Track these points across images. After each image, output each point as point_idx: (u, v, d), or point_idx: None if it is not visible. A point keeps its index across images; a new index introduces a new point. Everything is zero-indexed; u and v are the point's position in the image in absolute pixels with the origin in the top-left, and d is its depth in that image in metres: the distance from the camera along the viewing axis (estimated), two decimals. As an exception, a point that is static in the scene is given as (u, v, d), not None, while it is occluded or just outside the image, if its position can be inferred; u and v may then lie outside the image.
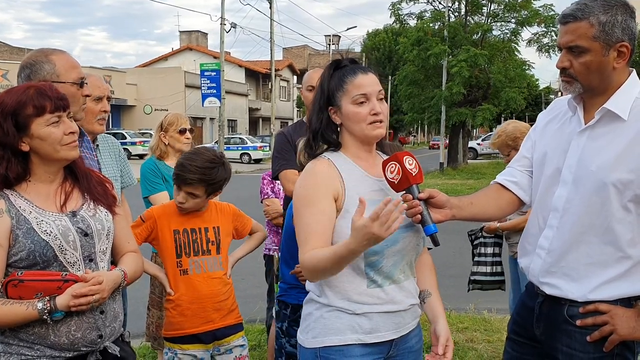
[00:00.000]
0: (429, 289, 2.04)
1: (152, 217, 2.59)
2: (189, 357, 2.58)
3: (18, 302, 1.75)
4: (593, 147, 1.90)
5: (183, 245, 2.57)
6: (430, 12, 24.51)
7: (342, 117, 1.92)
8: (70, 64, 2.31)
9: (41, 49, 2.34)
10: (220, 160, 2.59)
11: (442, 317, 2.00)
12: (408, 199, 1.84)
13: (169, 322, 2.60)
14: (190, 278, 2.57)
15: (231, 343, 2.65)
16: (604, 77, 1.88)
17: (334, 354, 1.87)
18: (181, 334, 2.57)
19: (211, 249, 2.61)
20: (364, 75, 1.91)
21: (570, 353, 1.93)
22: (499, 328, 4.79)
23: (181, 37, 46.95)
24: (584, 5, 1.85)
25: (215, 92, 26.38)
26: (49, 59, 2.27)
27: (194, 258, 2.57)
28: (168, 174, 3.63)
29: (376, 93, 1.91)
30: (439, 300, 2.03)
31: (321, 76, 1.99)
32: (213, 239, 2.62)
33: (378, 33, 48.08)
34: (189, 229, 2.59)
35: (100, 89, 2.93)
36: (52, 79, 2.22)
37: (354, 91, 1.89)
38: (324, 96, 1.94)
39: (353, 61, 1.99)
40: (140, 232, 2.56)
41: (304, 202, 1.88)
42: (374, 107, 1.88)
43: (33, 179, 1.86)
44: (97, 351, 1.88)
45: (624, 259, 1.87)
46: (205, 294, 2.57)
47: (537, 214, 2.05)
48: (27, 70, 2.27)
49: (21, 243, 1.77)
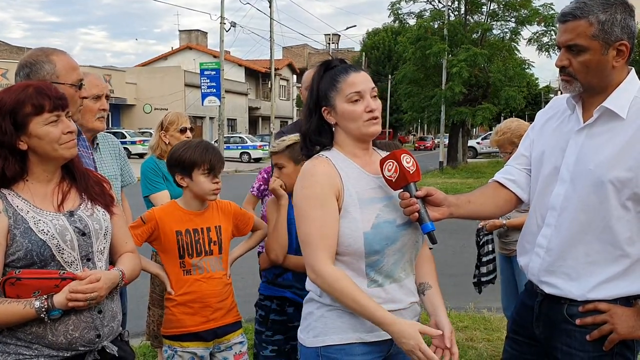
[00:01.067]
0: (429, 281, 2.04)
1: (154, 219, 2.57)
2: (189, 354, 2.58)
3: (15, 300, 1.74)
4: (591, 146, 1.90)
5: (186, 246, 2.55)
6: (429, 11, 24.51)
7: (336, 116, 1.92)
8: (70, 65, 2.31)
9: (41, 48, 2.34)
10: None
11: (442, 310, 1.99)
12: (405, 197, 1.85)
13: (169, 320, 2.60)
14: (193, 278, 2.56)
15: (231, 340, 2.66)
16: (603, 76, 1.88)
17: (335, 352, 1.87)
18: (182, 332, 2.57)
19: (213, 249, 2.60)
20: (356, 74, 1.91)
21: (570, 352, 1.93)
22: (498, 327, 4.79)
23: (181, 36, 46.90)
24: (583, 4, 1.84)
25: (215, 91, 26.39)
26: (50, 59, 2.27)
27: (197, 259, 2.56)
28: (168, 173, 3.63)
29: (369, 90, 1.91)
30: (439, 293, 2.03)
31: (311, 79, 1.99)
32: (215, 239, 2.61)
33: (378, 32, 48.07)
34: (192, 229, 2.57)
35: (98, 87, 2.93)
36: (52, 80, 2.22)
37: (347, 89, 1.89)
38: (314, 98, 1.95)
39: (343, 61, 1.99)
40: (140, 233, 2.54)
41: (312, 203, 1.86)
42: (369, 104, 1.89)
43: (31, 178, 1.86)
44: (95, 351, 1.87)
45: (622, 257, 1.87)
46: (207, 293, 2.57)
47: (536, 213, 2.05)
48: (26, 69, 2.26)
49: (18, 242, 1.76)
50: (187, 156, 2.56)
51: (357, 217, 1.85)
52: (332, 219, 1.84)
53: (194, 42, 45.48)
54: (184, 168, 2.57)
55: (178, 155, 2.59)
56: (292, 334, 2.71)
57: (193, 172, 2.56)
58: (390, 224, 1.87)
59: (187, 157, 2.56)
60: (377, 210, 1.88)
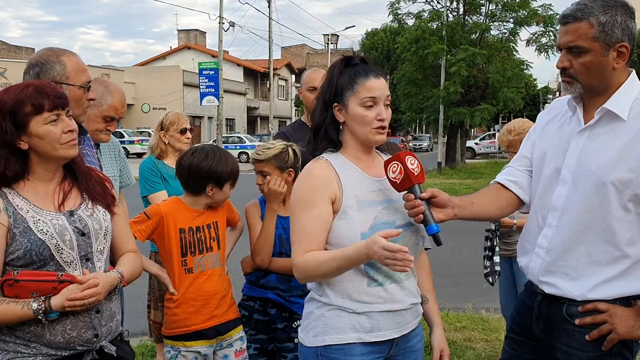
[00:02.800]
0: (427, 294, 2.07)
1: (159, 214, 2.55)
2: (193, 354, 2.57)
3: (14, 301, 1.74)
4: (592, 147, 1.90)
5: (188, 244, 2.55)
6: (428, 11, 24.52)
7: (346, 116, 1.92)
8: (80, 67, 2.34)
9: (51, 48, 2.35)
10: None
11: (438, 326, 2.04)
12: (410, 198, 1.85)
13: (171, 320, 2.59)
14: (194, 276, 2.56)
15: (232, 337, 2.66)
16: (604, 77, 1.88)
17: (334, 352, 1.87)
18: (185, 331, 2.56)
19: (213, 246, 2.61)
20: (375, 79, 1.89)
21: (569, 352, 1.94)
22: (496, 327, 4.80)
23: (179, 35, 46.87)
24: (584, 5, 1.85)
25: (214, 91, 26.36)
26: (60, 60, 2.29)
27: (199, 257, 2.57)
28: (167, 173, 3.62)
29: (384, 98, 1.90)
30: (436, 307, 2.07)
31: (329, 71, 1.97)
32: (214, 235, 2.62)
33: (376, 32, 48.07)
34: (194, 227, 2.58)
35: (117, 111, 2.88)
36: (62, 80, 2.24)
37: (363, 93, 1.87)
38: (331, 92, 1.92)
39: (364, 60, 1.96)
40: (144, 228, 2.52)
41: (301, 204, 1.88)
42: (381, 113, 1.88)
43: (32, 177, 1.85)
44: (93, 350, 1.87)
45: (622, 258, 1.87)
46: (209, 291, 2.57)
47: (537, 213, 2.05)
48: (36, 69, 2.27)
49: (18, 242, 1.76)
50: (225, 169, 2.58)
51: (355, 218, 1.85)
52: (318, 222, 1.85)
53: (192, 41, 45.45)
54: (219, 180, 2.57)
55: (213, 167, 2.56)
56: (275, 334, 2.73)
57: (225, 184, 2.59)
58: (388, 225, 1.87)
59: (224, 170, 2.57)
60: (375, 212, 1.88)
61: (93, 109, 2.74)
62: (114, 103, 2.85)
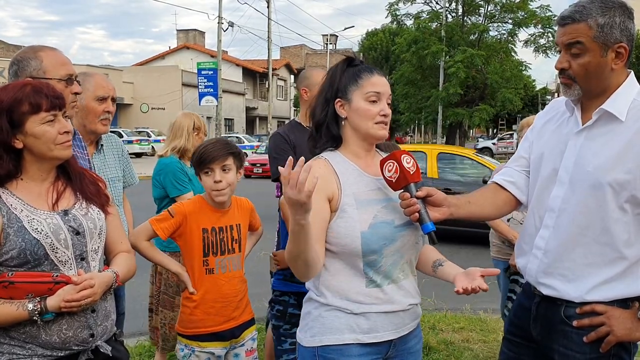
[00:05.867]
0: (440, 259, 2.04)
1: (183, 213, 2.53)
2: (206, 354, 2.56)
3: (9, 302, 1.73)
4: (590, 148, 1.90)
5: (211, 244, 2.54)
6: (427, 12, 24.56)
7: (349, 110, 1.93)
8: (58, 61, 2.30)
9: (32, 45, 2.34)
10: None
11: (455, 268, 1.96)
12: (406, 197, 1.84)
13: (188, 319, 2.57)
14: (215, 277, 2.55)
15: (245, 338, 2.66)
16: (602, 78, 1.88)
17: (332, 353, 1.87)
18: (202, 332, 2.55)
19: (234, 248, 2.60)
20: (379, 77, 1.95)
21: (567, 353, 1.93)
22: (494, 328, 4.80)
23: (178, 35, 46.87)
24: (582, 7, 1.84)
25: (213, 91, 26.34)
26: (37, 55, 2.26)
27: (220, 257, 2.56)
28: (191, 173, 3.64)
29: (387, 95, 1.95)
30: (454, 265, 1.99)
31: (331, 70, 2.01)
32: (236, 237, 2.61)
33: (375, 33, 48.09)
34: (217, 227, 2.56)
35: (104, 88, 2.91)
36: (39, 75, 2.21)
37: (368, 87, 1.92)
38: (333, 89, 1.96)
39: (362, 62, 2.02)
40: (167, 226, 2.50)
41: None
42: (384, 109, 1.93)
43: (25, 177, 1.84)
44: (88, 350, 1.86)
45: (620, 259, 1.87)
46: (228, 292, 2.57)
47: (534, 214, 2.05)
48: (14, 67, 2.26)
49: (12, 241, 1.75)
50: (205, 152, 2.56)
51: (354, 217, 1.85)
52: (314, 216, 1.79)
53: (191, 41, 45.45)
54: (202, 164, 2.55)
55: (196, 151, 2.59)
56: None
57: (208, 167, 2.54)
58: (388, 224, 1.87)
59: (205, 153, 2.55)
60: (375, 211, 1.87)
61: (83, 99, 2.74)
62: (96, 81, 2.90)
